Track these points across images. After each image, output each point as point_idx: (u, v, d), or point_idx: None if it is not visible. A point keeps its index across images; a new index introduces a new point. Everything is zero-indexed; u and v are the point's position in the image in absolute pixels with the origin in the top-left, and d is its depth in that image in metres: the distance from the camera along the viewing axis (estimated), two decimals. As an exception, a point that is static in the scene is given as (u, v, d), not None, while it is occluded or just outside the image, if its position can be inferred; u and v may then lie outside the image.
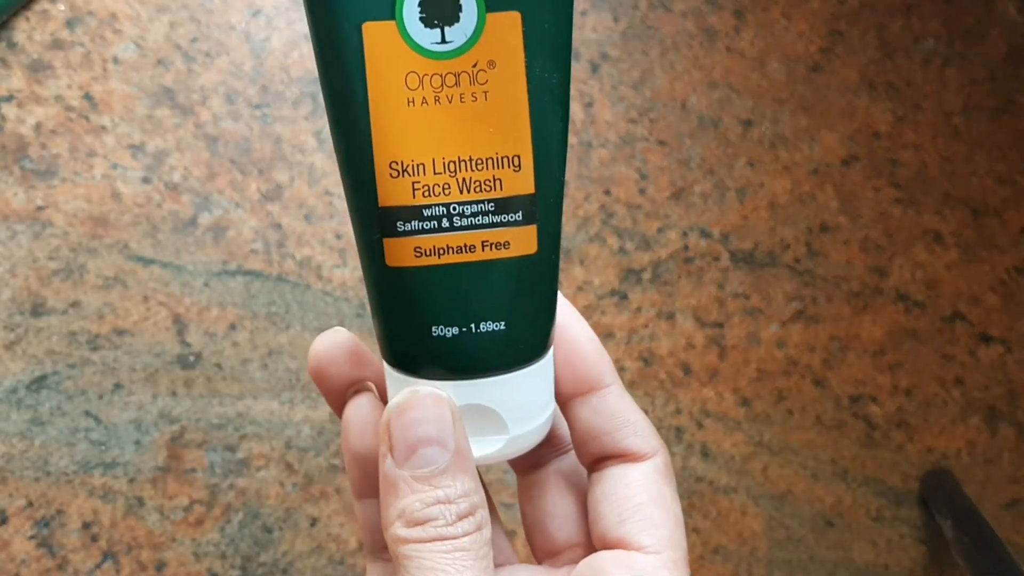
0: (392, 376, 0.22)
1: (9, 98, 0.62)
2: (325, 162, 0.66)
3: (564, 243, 0.69)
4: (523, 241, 0.20)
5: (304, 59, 0.67)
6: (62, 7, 0.63)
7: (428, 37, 0.18)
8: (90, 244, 0.62)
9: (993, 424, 0.75)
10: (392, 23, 0.18)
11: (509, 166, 0.19)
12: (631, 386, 0.69)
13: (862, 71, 0.76)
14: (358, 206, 0.20)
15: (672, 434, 0.69)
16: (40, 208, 0.61)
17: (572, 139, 0.70)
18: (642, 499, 0.22)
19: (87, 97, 0.63)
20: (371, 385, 0.24)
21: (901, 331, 0.74)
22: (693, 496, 0.69)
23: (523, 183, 0.20)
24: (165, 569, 0.60)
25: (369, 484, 0.23)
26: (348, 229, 0.66)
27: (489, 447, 0.22)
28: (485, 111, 0.19)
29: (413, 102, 0.19)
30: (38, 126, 0.62)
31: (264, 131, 0.65)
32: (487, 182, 0.19)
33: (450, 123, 0.19)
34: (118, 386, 0.61)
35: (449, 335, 0.20)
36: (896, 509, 0.72)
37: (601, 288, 0.69)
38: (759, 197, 0.72)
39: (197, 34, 0.65)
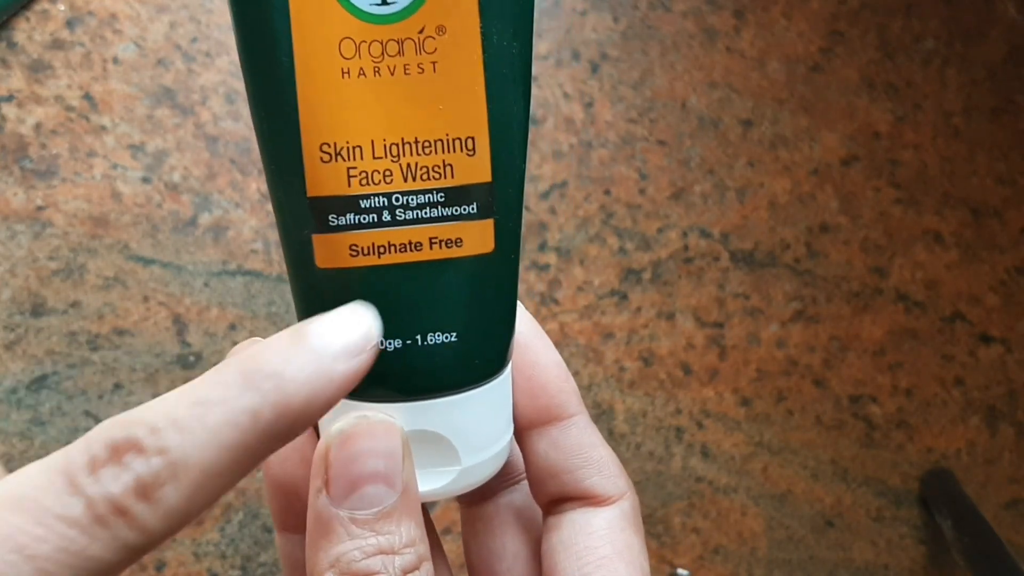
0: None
1: (9, 98, 0.62)
2: (325, 162, 0.66)
3: (564, 243, 0.69)
4: (478, 238, 0.17)
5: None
6: (62, 7, 0.63)
7: None
8: (90, 244, 0.62)
9: (993, 424, 0.75)
10: None
11: (462, 150, 0.17)
12: (631, 386, 0.69)
13: (862, 71, 0.76)
14: (282, 196, 0.17)
15: (672, 434, 0.69)
16: (40, 208, 0.61)
17: (572, 139, 0.70)
18: (606, 552, 0.19)
19: (87, 97, 0.63)
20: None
21: (901, 331, 0.74)
22: (693, 496, 0.69)
23: (478, 170, 0.17)
24: (165, 569, 0.60)
25: (293, 517, 0.20)
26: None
27: (437, 481, 0.19)
28: (434, 85, 0.16)
29: (348, 73, 0.16)
30: (38, 126, 0.62)
31: (264, 131, 0.65)
32: (436, 168, 0.16)
33: (392, 99, 0.16)
34: (118, 386, 0.61)
35: (391, 348, 0.17)
36: (896, 509, 0.72)
37: (601, 288, 0.69)
38: (759, 197, 0.73)
39: (197, 34, 0.65)
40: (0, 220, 0.61)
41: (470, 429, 0.19)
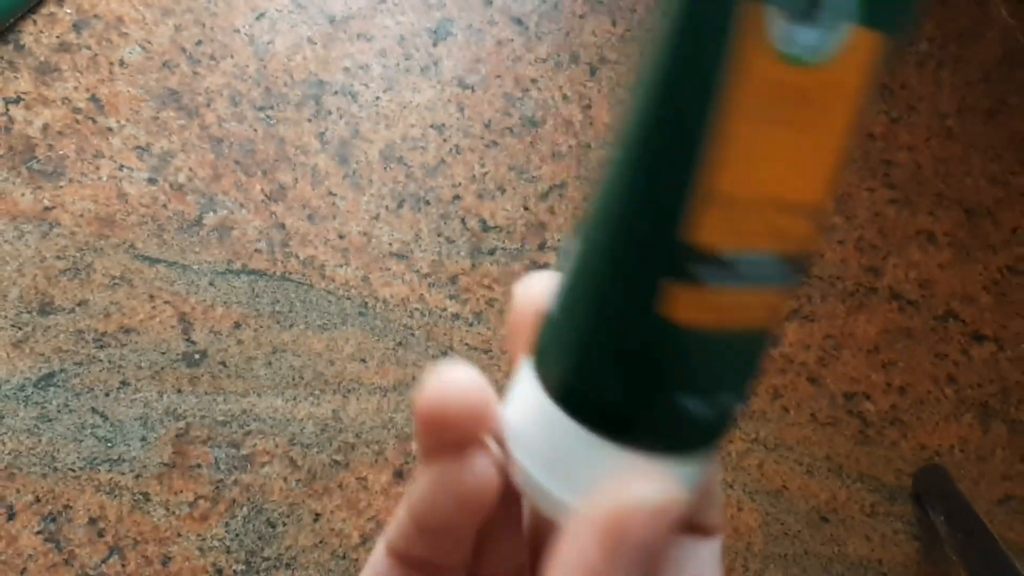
0: (585, 440, 0.17)
1: (17, 100, 0.63)
2: (328, 163, 0.67)
3: (563, 243, 0.70)
4: (781, 308, 0.17)
5: (307, 61, 0.68)
6: (68, 10, 0.64)
7: (787, 32, 0.14)
8: (97, 244, 0.62)
9: (986, 421, 0.75)
10: (767, 5, 0.14)
11: (808, 216, 0.16)
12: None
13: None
14: (644, 231, 0.15)
15: (669, 431, 0.70)
16: (47, 208, 0.62)
17: (571, 141, 0.71)
18: None
19: (94, 99, 0.64)
20: (489, 441, 0.19)
21: (895, 330, 0.75)
22: (690, 492, 0.70)
23: (811, 238, 0.16)
24: (170, 564, 0.61)
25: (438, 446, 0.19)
26: (350, 229, 0.67)
27: None
28: (812, 145, 0.15)
29: (758, 115, 0.14)
30: (45, 128, 0.63)
31: (268, 132, 0.66)
32: (788, 232, 0.15)
33: (779, 152, 0.15)
34: (124, 383, 0.62)
35: (691, 407, 0.16)
36: (890, 505, 0.73)
37: (599, 287, 0.70)
38: (755, 198, 0.73)
39: (202, 37, 0.66)
40: (8, 220, 0.62)
41: (700, 484, 0.19)
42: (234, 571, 0.62)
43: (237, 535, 0.62)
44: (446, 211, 0.68)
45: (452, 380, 0.18)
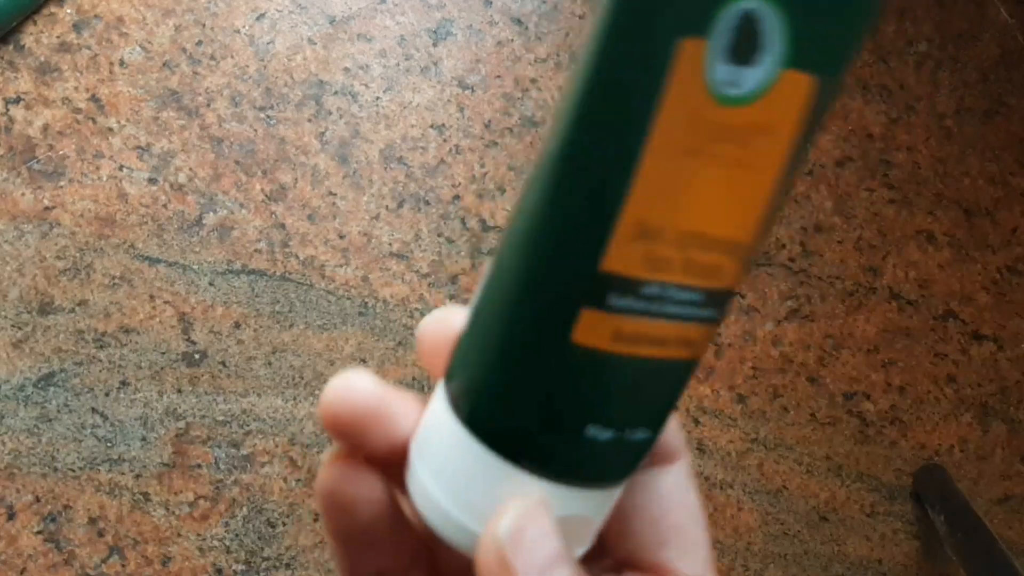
0: (490, 464, 0.17)
1: (17, 100, 0.63)
2: (328, 163, 0.67)
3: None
4: (701, 342, 0.17)
5: (307, 62, 0.68)
6: (69, 10, 0.64)
7: (722, 72, 0.14)
8: (97, 244, 0.63)
9: (985, 421, 0.76)
10: (703, 42, 0.14)
11: (732, 253, 0.16)
12: (629, 383, 0.70)
13: (856, 73, 0.77)
14: (564, 260, 0.15)
15: (669, 431, 0.70)
16: (48, 208, 0.62)
17: (571, 140, 0.71)
18: (680, 518, 0.19)
19: (94, 99, 0.64)
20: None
21: (894, 329, 0.75)
22: (690, 492, 0.70)
23: (733, 276, 0.16)
24: (171, 563, 0.61)
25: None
26: (350, 229, 0.67)
27: None
28: (737, 182, 0.15)
29: (684, 150, 0.14)
30: (46, 128, 0.63)
31: (268, 133, 0.66)
32: (709, 267, 0.15)
33: (702, 186, 0.15)
34: (124, 383, 0.62)
35: (602, 438, 0.16)
36: (889, 504, 0.73)
37: (599, 287, 0.70)
38: (755, 198, 0.74)
39: (202, 37, 0.66)
40: (8, 220, 0.62)
41: (607, 515, 0.18)
42: (234, 571, 0.62)
43: (237, 535, 0.62)
44: (446, 211, 0.68)
45: (347, 385, 0.18)
